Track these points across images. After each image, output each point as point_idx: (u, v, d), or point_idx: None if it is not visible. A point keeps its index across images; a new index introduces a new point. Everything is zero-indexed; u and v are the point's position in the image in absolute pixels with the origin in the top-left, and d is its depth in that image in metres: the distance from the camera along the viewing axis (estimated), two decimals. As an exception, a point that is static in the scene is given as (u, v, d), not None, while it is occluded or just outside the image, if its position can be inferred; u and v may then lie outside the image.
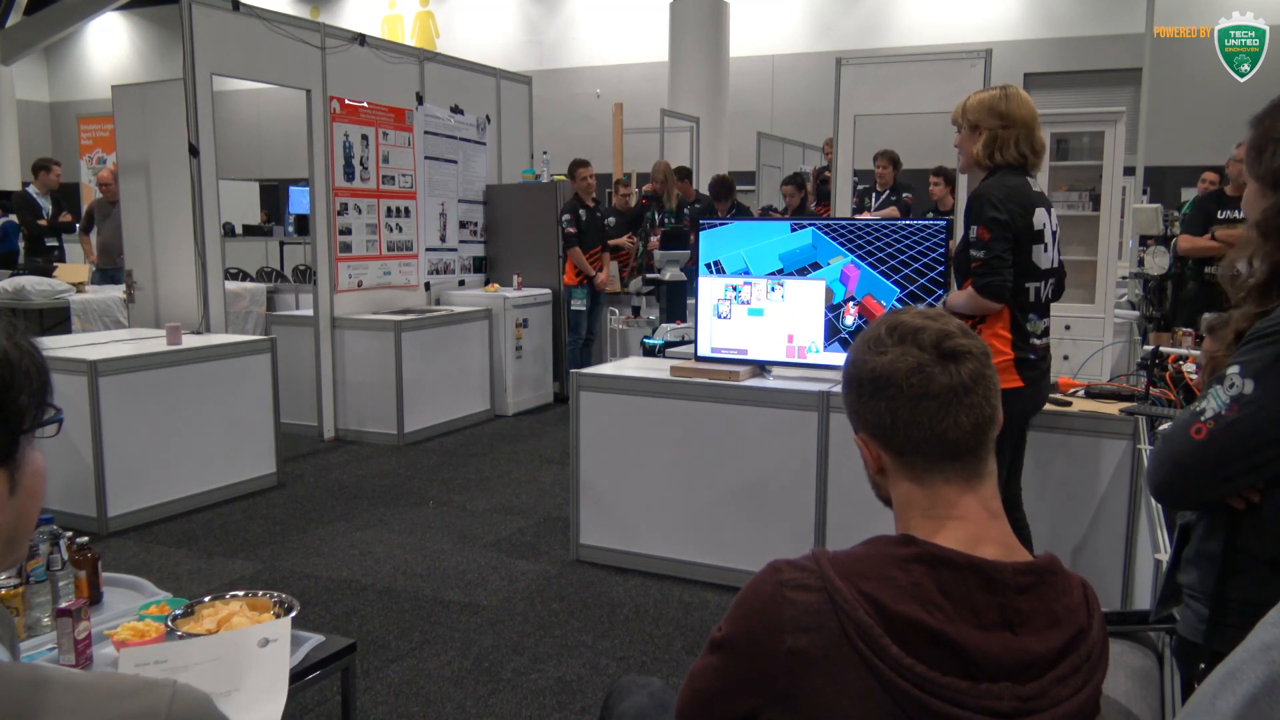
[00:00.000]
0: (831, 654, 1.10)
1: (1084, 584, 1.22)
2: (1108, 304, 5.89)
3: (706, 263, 4.21)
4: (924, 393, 1.18)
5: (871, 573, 1.13)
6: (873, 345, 1.23)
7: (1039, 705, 1.10)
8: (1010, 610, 1.12)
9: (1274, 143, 1.50)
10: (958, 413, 1.18)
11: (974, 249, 2.95)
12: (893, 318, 1.25)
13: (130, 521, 4.77)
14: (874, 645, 1.08)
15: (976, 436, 1.20)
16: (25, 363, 0.89)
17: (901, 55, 9.00)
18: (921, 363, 1.19)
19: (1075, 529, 3.48)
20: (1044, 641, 1.13)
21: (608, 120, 10.20)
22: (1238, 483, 1.44)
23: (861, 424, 1.25)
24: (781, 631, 1.12)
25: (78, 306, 7.00)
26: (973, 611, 1.11)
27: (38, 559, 2.22)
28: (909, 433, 1.19)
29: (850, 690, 1.09)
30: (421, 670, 3.32)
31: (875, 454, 1.25)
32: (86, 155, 11.66)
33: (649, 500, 4.18)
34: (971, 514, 1.20)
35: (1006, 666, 1.10)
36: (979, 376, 1.20)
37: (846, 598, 1.10)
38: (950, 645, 1.09)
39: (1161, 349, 3.43)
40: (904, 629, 1.09)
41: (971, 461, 1.20)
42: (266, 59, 6.12)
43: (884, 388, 1.20)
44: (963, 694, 1.08)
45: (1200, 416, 1.47)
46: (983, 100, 3.02)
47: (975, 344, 1.22)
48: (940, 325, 1.22)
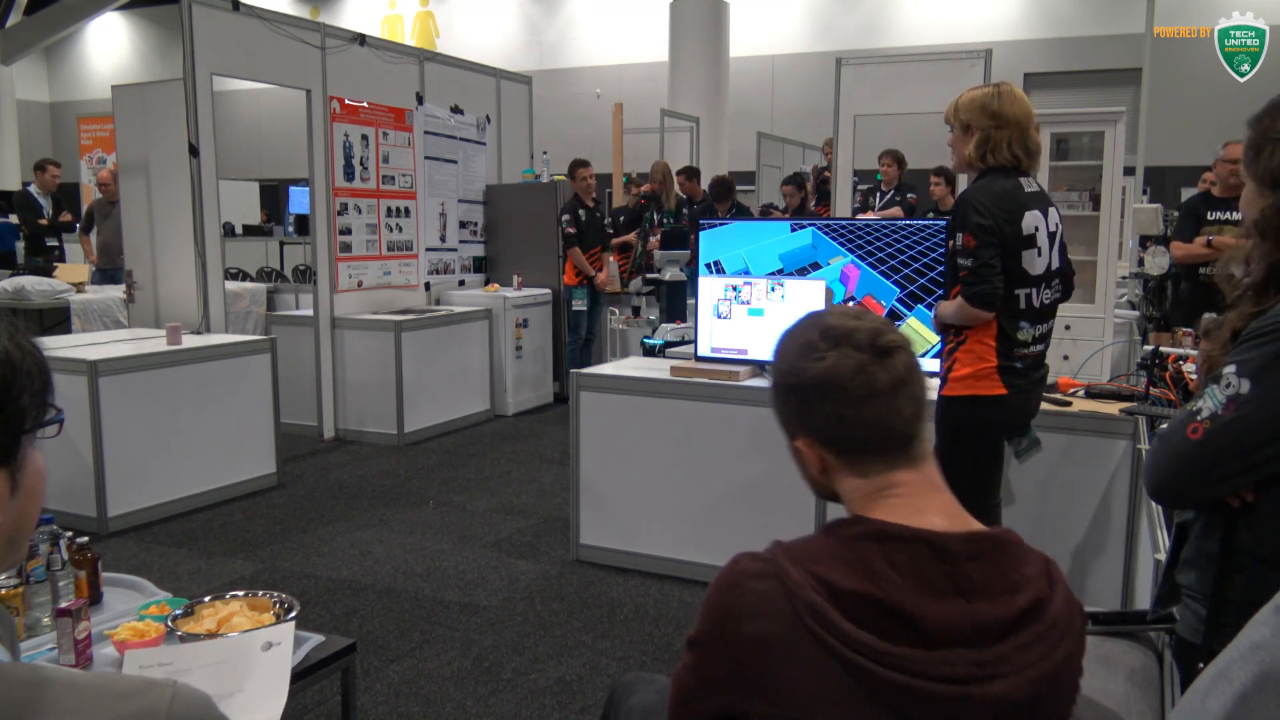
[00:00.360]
0: (788, 637, 1.12)
1: (1047, 559, 1.23)
2: (1108, 304, 5.89)
3: (706, 263, 4.21)
4: (869, 392, 1.21)
5: (822, 555, 1.16)
6: (807, 351, 1.25)
7: (998, 671, 1.11)
8: (961, 578, 1.14)
9: (1272, 142, 1.50)
10: (901, 405, 1.22)
11: (961, 257, 2.84)
12: (819, 320, 1.28)
13: (130, 521, 4.77)
14: (825, 623, 1.11)
15: (915, 423, 1.24)
16: (27, 363, 0.89)
17: (901, 55, 9.00)
18: (862, 363, 1.21)
19: (1075, 529, 3.48)
20: (1000, 608, 1.14)
21: (608, 120, 10.21)
22: (1235, 482, 1.45)
23: (804, 429, 1.28)
24: (740, 620, 1.15)
25: (78, 306, 7.00)
26: (923, 581, 1.13)
27: (38, 559, 2.22)
28: (856, 431, 1.23)
29: (810, 670, 1.11)
30: (421, 670, 3.32)
31: (816, 456, 1.27)
32: (86, 155, 11.66)
33: (649, 500, 4.18)
34: (914, 488, 1.23)
35: (961, 633, 1.11)
36: (912, 367, 1.25)
37: (797, 581, 1.13)
38: (901, 615, 1.11)
39: (1161, 349, 3.43)
40: (854, 604, 1.11)
41: (912, 446, 1.24)
42: (266, 59, 6.12)
43: (828, 392, 1.22)
44: (916, 662, 1.09)
45: (1197, 416, 1.47)
46: (975, 98, 2.91)
47: (901, 336, 1.27)
48: (869, 324, 1.25)
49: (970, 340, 2.91)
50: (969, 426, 2.96)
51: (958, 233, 2.85)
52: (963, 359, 2.92)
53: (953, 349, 2.97)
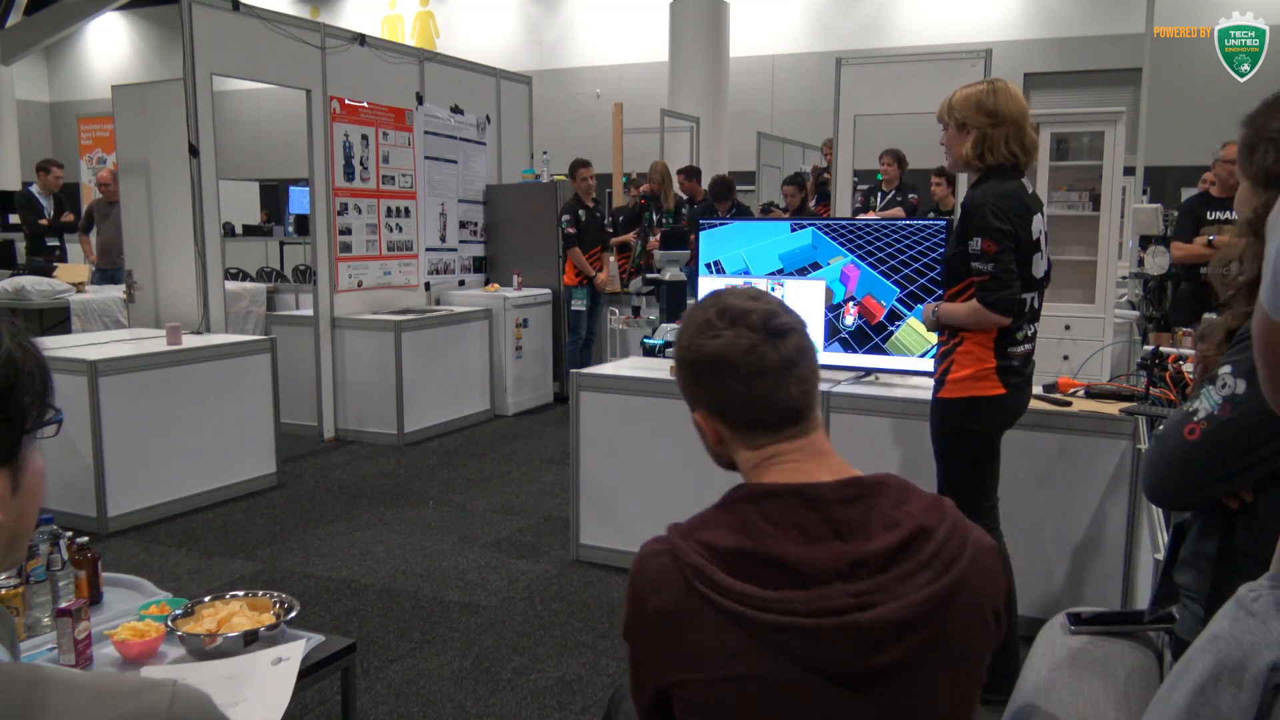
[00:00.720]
0: (684, 603, 1.20)
1: (937, 497, 1.27)
2: (1108, 304, 5.90)
3: (706, 263, 4.21)
4: (759, 371, 1.28)
5: (707, 523, 1.25)
6: (705, 329, 1.32)
7: (877, 600, 1.16)
8: (836, 521, 1.20)
9: (1265, 141, 1.50)
10: (789, 384, 1.29)
11: (979, 261, 2.79)
12: (718, 300, 1.34)
13: (130, 521, 4.77)
14: (711, 582, 1.18)
15: (805, 400, 1.31)
16: (29, 364, 0.89)
17: (901, 55, 9.00)
18: (754, 343, 1.28)
19: (1075, 529, 3.48)
20: (877, 543, 1.19)
21: (608, 120, 10.21)
22: (1233, 482, 1.44)
23: (700, 402, 1.35)
24: (644, 597, 1.24)
25: (78, 306, 6.99)
26: (799, 529, 1.20)
27: (38, 559, 2.22)
28: (746, 406, 1.30)
29: (708, 630, 1.18)
30: (421, 670, 3.32)
31: (714, 428, 1.35)
32: (86, 155, 11.66)
33: (649, 500, 4.18)
34: (800, 455, 1.30)
35: (837, 570, 1.17)
36: (802, 349, 1.31)
37: (684, 549, 1.21)
38: (778, 563, 1.17)
39: (1161, 349, 3.43)
40: (734, 560, 1.19)
41: (801, 419, 1.31)
42: (266, 59, 6.12)
43: (721, 369, 1.29)
44: (795, 603, 1.15)
45: (1193, 417, 1.47)
46: (969, 96, 2.85)
47: (795, 318, 1.34)
48: (764, 305, 1.32)
49: (968, 342, 2.90)
50: (970, 427, 2.95)
51: (975, 237, 2.79)
52: (961, 360, 2.90)
53: (949, 350, 2.95)
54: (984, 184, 2.86)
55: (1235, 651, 1.02)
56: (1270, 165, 1.49)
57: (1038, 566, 3.52)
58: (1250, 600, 1.05)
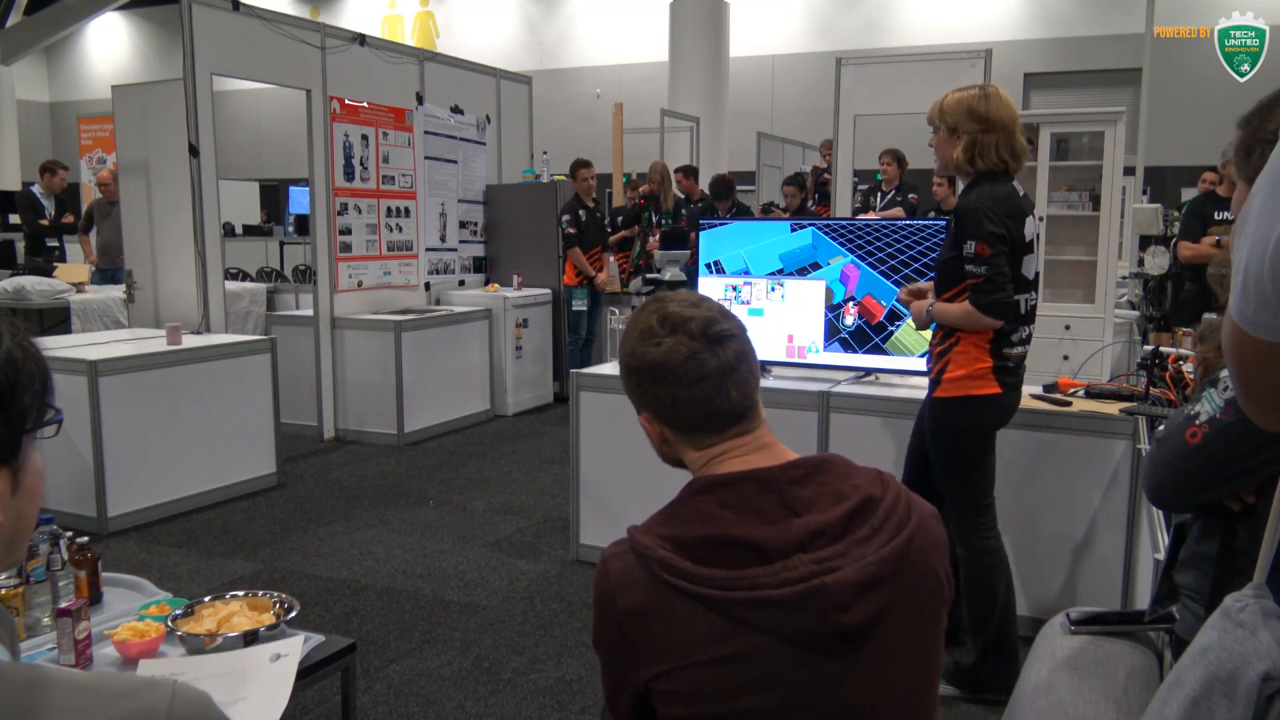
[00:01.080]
0: (654, 597, 1.23)
1: (879, 471, 1.34)
2: (1108, 304, 5.90)
3: (706, 263, 4.21)
4: (699, 377, 1.32)
5: (665, 519, 1.30)
6: (646, 336, 1.36)
7: (838, 565, 1.20)
8: (789, 499, 1.25)
9: (1262, 144, 1.49)
10: (728, 389, 1.33)
11: (972, 265, 2.82)
12: (660, 307, 1.38)
13: (130, 521, 4.77)
14: (677, 571, 1.22)
15: (744, 404, 1.36)
16: (29, 364, 0.89)
17: (901, 55, 9.00)
18: (694, 350, 1.32)
19: (1075, 529, 3.48)
20: (831, 514, 1.24)
21: (608, 120, 10.21)
22: (1235, 485, 1.44)
23: (644, 407, 1.40)
24: (613, 598, 1.27)
25: (78, 306, 6.99)
26: (756, 511, 1.24)
27: (38, 559, 2.22)
28: (687, 411, 1.34)
29: (680, 620, 1.22)
30: (421, 670, 3.32)
31: (658, 430, 1.40)
32: (86, 155, 11.65)
33: (649, 500, 4.15)
34: (744, 448, 1.35)
35: (798, 542, 1.22)
36: (742, 354, 1.36)
37: (647, 545, 1.26)
38: (741, 544, 1.22)
39: (1161, 349, 3.43)
40: (699, 548, 1.23)
41: (743, 419, 1.36)
42: (266, 59, 6.12)
43: (663, 376, 1.34)
44: (761, 578, 1.20)
45: (1195, 420, 1.47)
46: (961, 100, 2.88)
47: (735, 324, 1.38)
48: (704, 312, 1.36)
49: (964, 343, 2.92)
50: (967, 426, 2.97)
51: (969, 240, 2.82)
52: (958, 360, 2.92)
53: (944, 351, 2.96)
54: (976, 188, 2.89)
55: (1227, 663, 1.03)
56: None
57: (1038, 566, 3.52)
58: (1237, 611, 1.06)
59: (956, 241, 2.88)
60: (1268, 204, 0.95)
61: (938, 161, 2.99)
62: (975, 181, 2.91)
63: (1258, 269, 0.95)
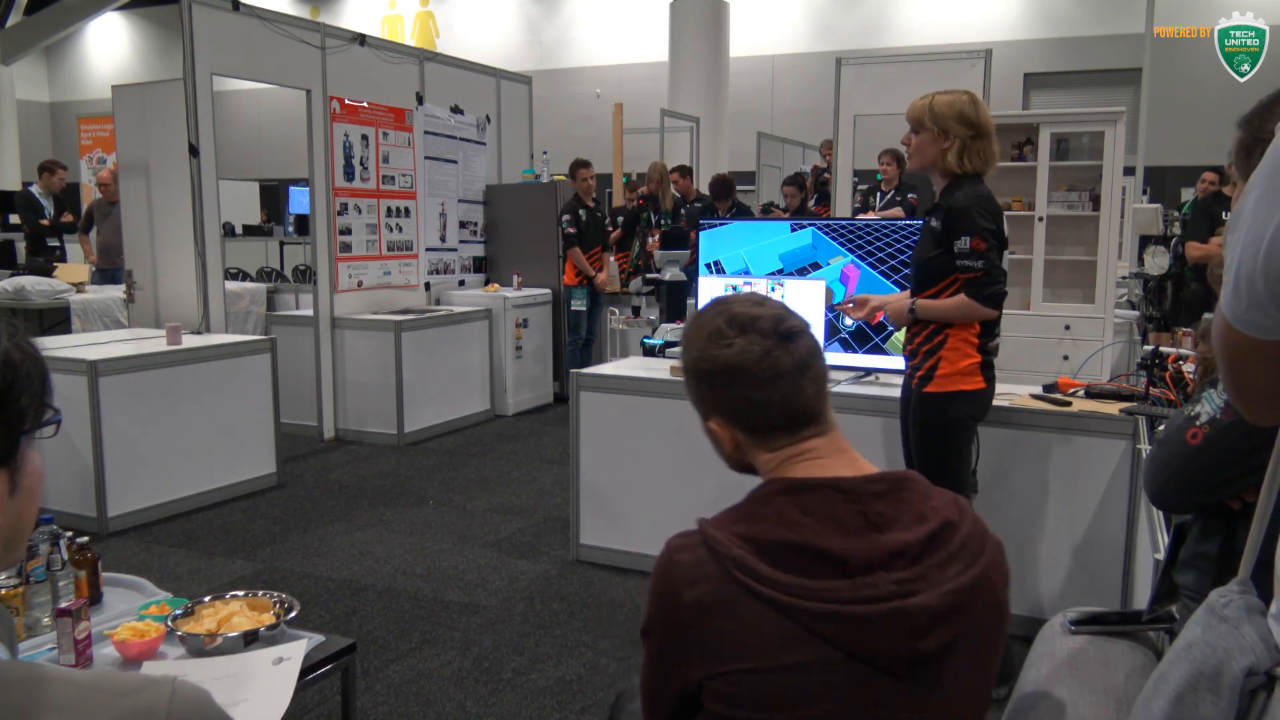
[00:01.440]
0: (722, 594, 1.20)
1: (955, 495, 1.31)
2: (1108, 304, 5.89)
3: (706, 263, 4.21)
4: (774, 375, 1.30)
5: (742, 516, 1.26)
6: (715, 338, 1.33)
7: (917, 587, 1.19)
8: (872, 514, 1.23)
9: (1262, 144, 1.49)
10: (804, 385, 1.32)
11: (969, 259, 2.94)
12: (725, 308, 1.35)
13: (130, 521, 4.77)
14: (752, 572, 1.19)
15: (819, 400, 1.34)
16: (26, 364, 0.89)
17: (901, 55, 9.00)
18: (767, 349, 1.30)
19: (1075, 529, 3.48)
20: (912, 534, 1.22)
21: (608, 120, 10.21)
22: (1235, 485, 1.44)
23: (715, 411, 1.36)
24: (678, 590, 1.24)
25: (78, 306, 6.99)
26: (836, 521, 1.22)
27: (38, 559, 2.22)
28: (765, 411, 1.32)
29: (749, 621, 1.19)
30: (421, 670, 3.32)
31: (728, 434, 1.36)
32: (86, 155, 11.65)
33: (649, 500, 4.18)
34: (821, 451, 1.33)
35: (879, 560, 1.20)
36: (813, 350, 1.34)
37: (721, 541, 1.22)
38: (820, 553, 1.19)
39: (1161, 349, 3.43)
40: (776, 551, 1.20)
41: (817, 422, 1.34)
42: (266, 59, 6.12)
43: (736, 377, 1.31)
44: (840, 591, 1.18)
45: (1196, 420, 1.47)
46: (953, 104, 2.99)
47: (802, 320, 1.36)
48: (771, 310, 1.34)
49: (953, 339, 3.03)
50: (955, 419, 3.06)
51: (964, 236, 2.95)
52: (949, 357, 3.03)
53: (934, 349, 3.05)
54: (959, 189, 3.00)
55: (1211, 659, 1.03)
56: None
57: (1037, 566, 3.52)
58: (1221, 606, 1.06)
59: (944, 239, 3.00)
60: (1262, 202, 0.95)
61: (916, 160, 3.11)
62: (956, 182, 3.02)
63: (1250, 268, 0.95)
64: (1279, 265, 0.93)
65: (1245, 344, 1.00)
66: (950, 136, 2.99)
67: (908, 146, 3.12)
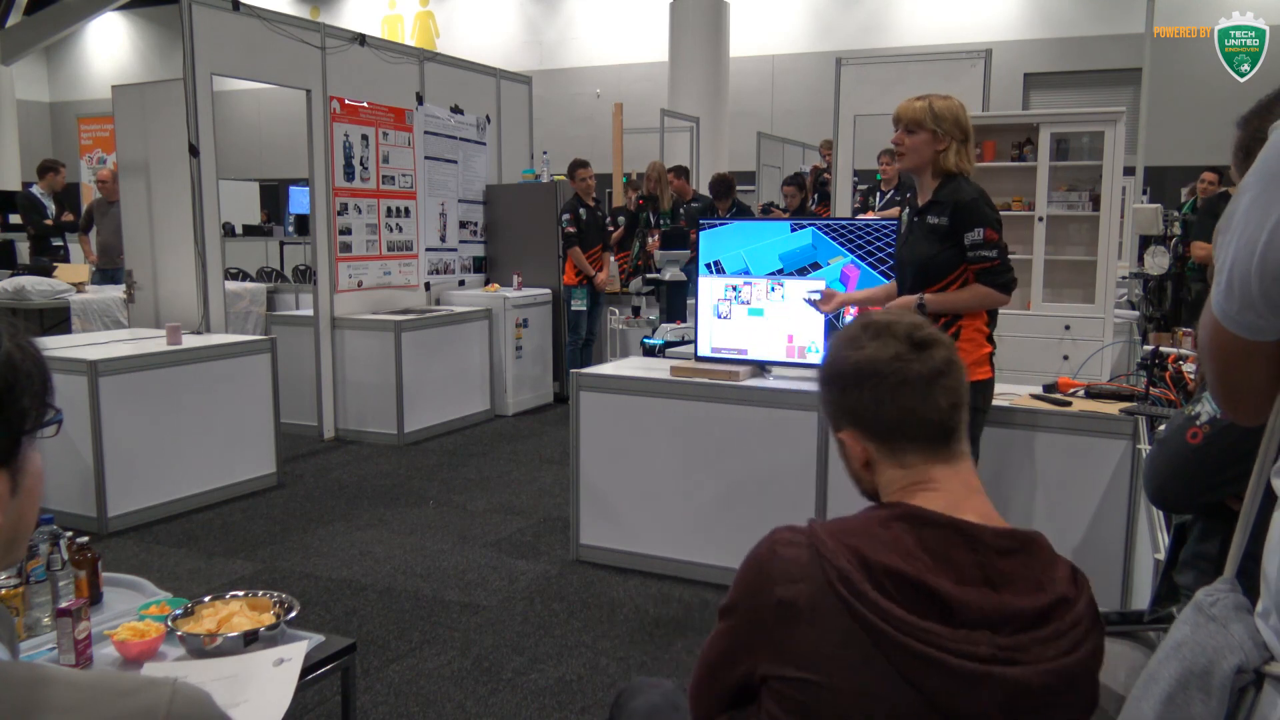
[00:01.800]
0: (817, 602, 1.17)
1: (1074, 566, 1.26)
2: (1108, 304, 5.89)
3: (706, 263, 4.21)
4: (903, 378, 1.27)
5: (857, 530, 1.22)
6: (851, 343, 1.33)
7: (1018, 658, 1.15)
8: (991, 569, 1.19)
9: (1260, 144, 1.49)
10: (936, 395, 1.28)
11: (984, 250, 3.07)
12: (864, 319, 1.36)
13: (130, 521, 4.77)
14: (854, 590, 1.16)
15: (952, 416, 1.29)
16: (27, 364, 0.89)
17: (901, 55, 9.00)
18: (899, 352, 1.28)
19: (1075, 529, 3.48)
20: (1026, 600, 1.18)
21: (608, 120, 10.21)
22: (1235, 485, 1.44)
23: (845, 417, 1.34)
24: (773, 583, 1.21)
25: (78, 306, 7.00)
26: (952, 566, 1.18)
27: (38, 559, 2.22)
28: (892, 416, 1.29)
29: (835, 635, 1.16)
30: (421, 670, 3.32)
31: (860, 447, 1.33)
32: (86, 155, 11.65)
33: (649, 500, 4.18)
34: (951, 486, 1.28)
35: (985, 617, 1.16)
36: (950, 362, 1.30)
37: (831, 549, 1.19)
38: (929, 592, 1.15)
39: (1161, 349, 3.44)
40: (883, 577, 1.16)
41: (949, 441, 1.30)
42: (266, 59, 6.12)
43: (866, 378, 1.29)
44: (940, 637, 1.14)
45: (1196, 420, 1.47)
46: (951, 109, 3.13)
47: (942, 335, 1.33)
48: (910, 319, 1.33)
49: (967, 330, 3.12)
50: (976, 410, 3.10)
51: (977, 228, 3.07)
52: (964, 348, 3.07)
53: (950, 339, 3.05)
54: (957, 186, 3.12)
55: (1200, 658, 1.04)
56: None
57: (1038, 566, 3.52)
58: (1209, 605, 1.07)
59: (948, 235, 3.10)
60: (1256, 204, 0.96)
61: (912, 159, 3.19)
62: (950, 181, 3.14)
63: (1244, 269, 0.95)
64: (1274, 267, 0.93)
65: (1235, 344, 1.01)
66: (946, 139, 3.11)
67: (899, 146, 3.20)
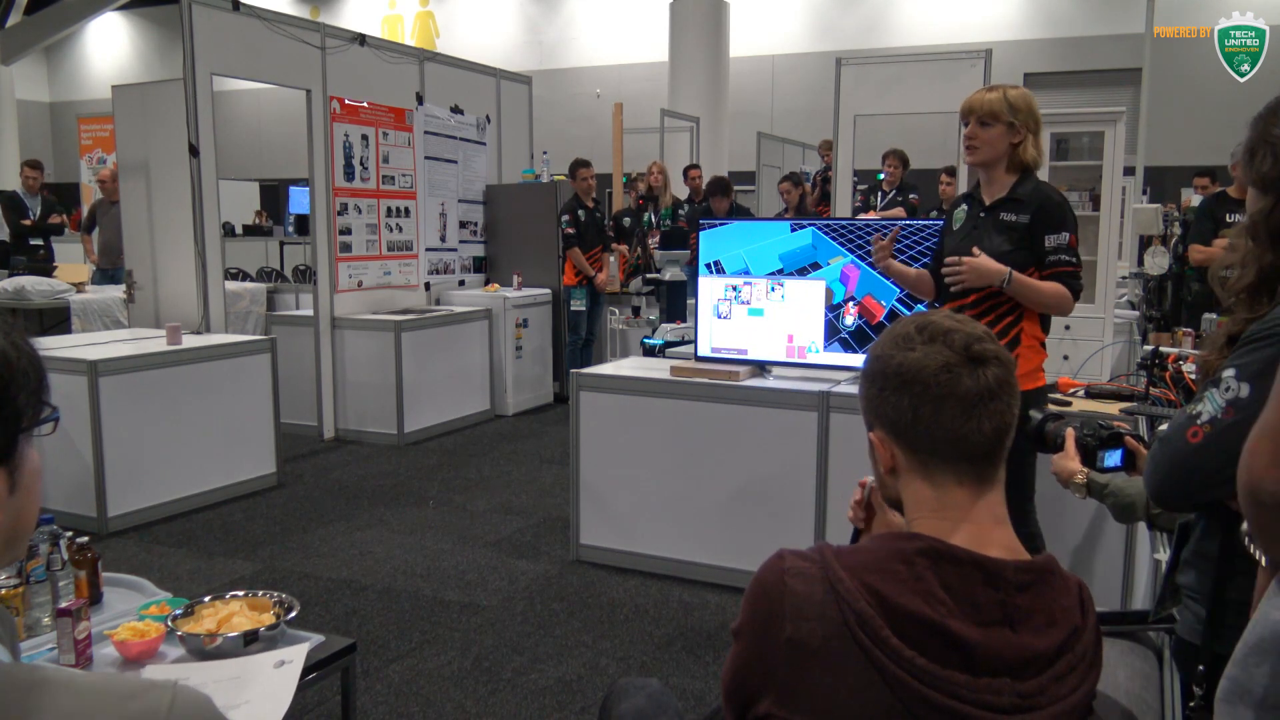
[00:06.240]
0: (832, 644, 1.10)
1: (1080, 585, 1.23)
2: (1108, 304, 5.89)
3: (706, 263, 4.21)
4: (949, 393, 1.18)
5: (875, 566, 1.13)
6: (901, 342, 1.23)
7: (1037, 703, 1.11)
8: (1010, 607, 1.13)
9: (1265, 146, 1.49)
10: (981, 418, 1.18)
11: (1065, 254, 2.93)
12: (922, 318, 1.25)
13: (130, 521, 4.77)
14: (875, 636, 1.09)
15: (995, 442, 1.20)
16: (23, 362, 0.89)
17: (901, 55, 9.00)
18: (950, 363, 1.18)
19: (1075, 529, 3.48)
20: (1043, 640, 1.14)
21: (608, 120, 10.20)
22: (1235, 485, 1.44)
23: (880, 419, 1.25)
24: (782, 620, 1.13)
25: (78, 306, 6.99)
26: (974, 607, 1.12)
27: (38, 559, 2.22)
28: (929, 431, 1.19)
29: (849, 681, 1.10)
30: (421, 670, 3.32)
31: (890, 452, 1.24)
32: (86, 155, 11.64)
33: (649, 500, 4.18)
34: (979, 517, 1.20)
35: (1007, 663, 1.11)
36: (1004, 383, 1.20)
37: (849, 588, 1.11)
38: (951, 639, 1.09)
39: (1161, 349, 3.43)
40: (905, 621, 1.10)
41: (985, 467, 1.21)
42: (266, 59, 6.12)
43: (909, 384, 1.20)
44: (962, 687, 1.09)
45: (1197, 420, 1.46)
46: (1025, 98, 2.96)
47: (1002, 352, 1.22)
48: (970, 329, 1.22)
49: (1026, 336, 3.00)
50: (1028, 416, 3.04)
51: (1063, 231, 2.93)
52: (1025, 355, 3.00)
53: (1011, 343, 2.97)
54: (1034, 184, 2.99)
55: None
56: (1267, 171, 1.48)
57: (1038, 566, 3.52)
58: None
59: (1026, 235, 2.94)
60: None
61: (987, 152, 2.98)
62: (1027, 176, 3.00)
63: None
64: None
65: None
66: (1023, 130, 2.95)
67: (971, 140, 2.98)
